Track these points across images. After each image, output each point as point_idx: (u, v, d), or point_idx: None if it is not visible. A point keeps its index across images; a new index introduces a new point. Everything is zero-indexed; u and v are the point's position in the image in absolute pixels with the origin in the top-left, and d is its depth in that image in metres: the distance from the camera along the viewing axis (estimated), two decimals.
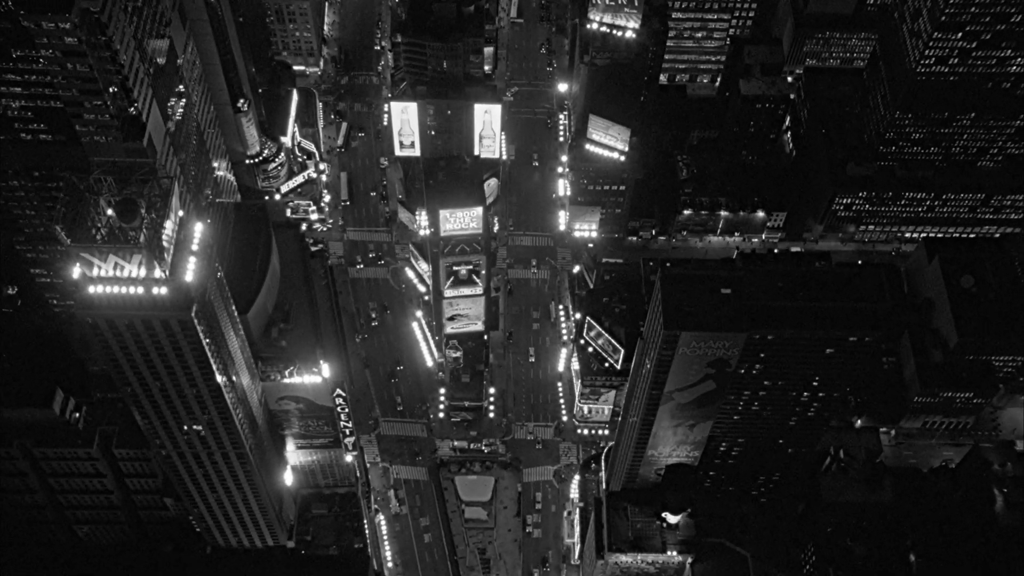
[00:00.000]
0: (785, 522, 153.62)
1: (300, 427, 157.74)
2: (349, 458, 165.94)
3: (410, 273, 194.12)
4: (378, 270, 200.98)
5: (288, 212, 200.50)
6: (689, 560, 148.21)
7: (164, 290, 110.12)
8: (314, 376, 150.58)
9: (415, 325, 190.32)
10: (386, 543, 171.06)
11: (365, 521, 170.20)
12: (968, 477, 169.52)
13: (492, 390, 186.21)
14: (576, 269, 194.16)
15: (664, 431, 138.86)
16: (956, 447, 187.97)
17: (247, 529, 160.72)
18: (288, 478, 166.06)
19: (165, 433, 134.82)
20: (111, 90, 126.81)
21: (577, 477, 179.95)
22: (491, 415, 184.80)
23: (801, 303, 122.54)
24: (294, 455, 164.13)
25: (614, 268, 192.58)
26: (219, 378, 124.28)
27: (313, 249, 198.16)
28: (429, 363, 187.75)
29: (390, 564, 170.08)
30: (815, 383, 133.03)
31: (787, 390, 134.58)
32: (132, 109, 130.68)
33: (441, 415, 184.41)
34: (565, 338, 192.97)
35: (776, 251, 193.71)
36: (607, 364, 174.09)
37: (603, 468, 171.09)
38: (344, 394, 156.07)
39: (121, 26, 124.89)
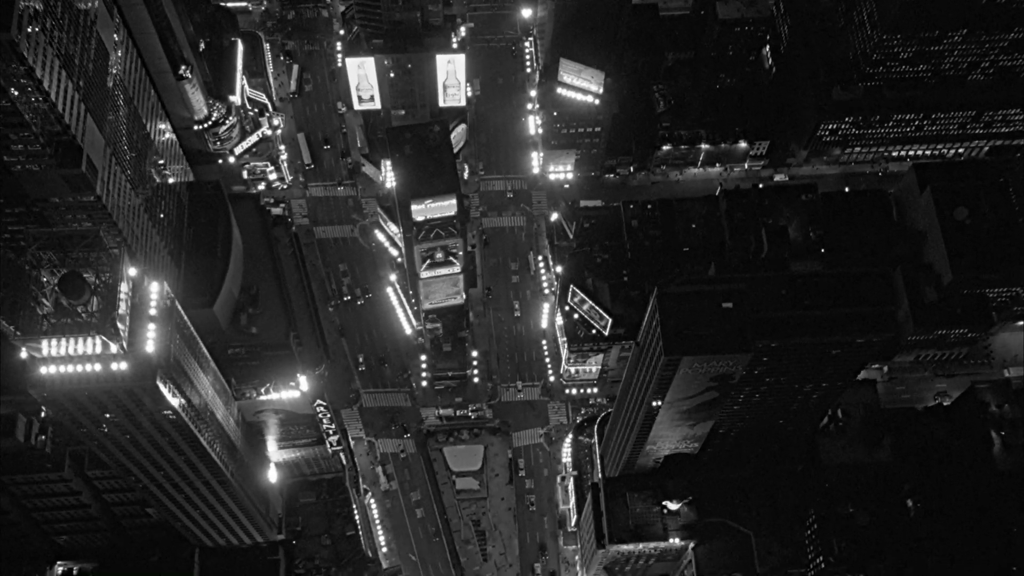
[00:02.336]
0: (785, 492, 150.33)
1: (281, 432, 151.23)
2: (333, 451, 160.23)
3: (380, 236, 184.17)
4: (345, 228, 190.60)
5: (245, 175, 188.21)
6: (691, 545, 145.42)
7: (123, 365, 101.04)
8: (292, 391, 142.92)
9: (390, 291, 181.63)
10: (378, 526, 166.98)
11: (355, 507, 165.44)
12: (964, 417, 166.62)
13: (475, 353, 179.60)
14: (554, 217, 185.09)
15: (663, 431, 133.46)
16: (949, 378, 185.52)
17: (234, 531, 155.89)
18: (272, 475, 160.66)
19: (141, 472, 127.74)
20: (36, 121, 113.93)
21: (569, 437, 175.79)
22: (476, 380, 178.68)
23: (806, 311, 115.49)
24: (276, 454, 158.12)
25: (593, 214, 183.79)
26: (194, 429, 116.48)
27: (275, 212, 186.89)
28: (408, 331, 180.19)
29: (384, 549, 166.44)
30: (820, 380, 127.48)
31: (791, 384, 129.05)
32: (65, 135, 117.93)
33: (424, 384, 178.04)
34: (547, 291, 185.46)
35: (760, 185, 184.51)
36: (594, 331, 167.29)
37: (596, 437, 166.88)
38: (325, 403, 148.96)
39: (42, 50, 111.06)
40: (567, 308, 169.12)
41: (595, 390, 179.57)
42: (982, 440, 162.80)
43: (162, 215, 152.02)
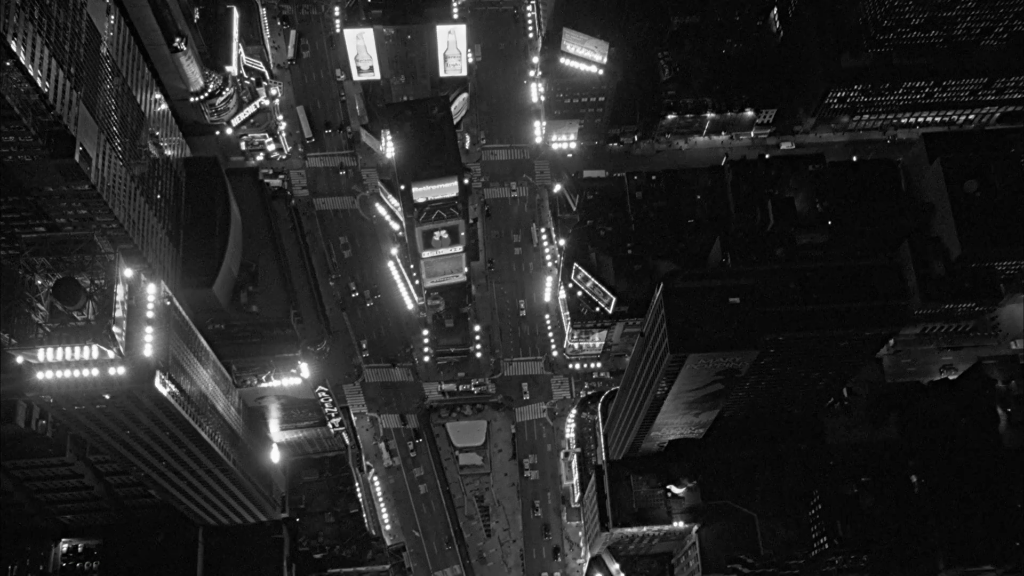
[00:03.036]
0: (790, 473, 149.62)
1: (283, 415, 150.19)
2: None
3: (381, 209, 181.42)
4: (345, 200, 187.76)
5: (243, 146, 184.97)
6: (695, 528, 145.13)
7: (121, 370, 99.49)
8: (293, 378, 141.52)
9: (391, 265, 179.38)
10: (382, 504, 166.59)
11: (358, 486, 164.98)
12: (970, 393, 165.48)
13: (477, 328, 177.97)
14: (557, 188, 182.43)
15: (667, 419, 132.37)
16: (956, 351, 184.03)
17: (237, 512, 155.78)
18: (275, 455, 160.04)
19: (142, 462, 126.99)
20: (27, 112, 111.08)
21: (573, 412, 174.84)
22: (478, 355, 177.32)
23: (814, 306, 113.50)
24: (279, 434, 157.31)
25: (597, 185, 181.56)
26: (195, 425, 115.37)
27: (274, 184, 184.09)
28: (409, 306, 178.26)
29: (388, 527, 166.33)
30: (827, 368, 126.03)
31: (798, 373, 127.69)
32: (57, 126, 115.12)
33: (427, 359, 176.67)
34: (549, 264, 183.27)
35: (767, 156, 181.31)
36: (598, 309, 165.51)
37: (600, 416, 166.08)
38: (327, 389, 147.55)
39: (30, 40, 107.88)
40: (570, 286, 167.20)
41: (598, 364, 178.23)
42: (988, 417, 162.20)
43: (159, 195, 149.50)
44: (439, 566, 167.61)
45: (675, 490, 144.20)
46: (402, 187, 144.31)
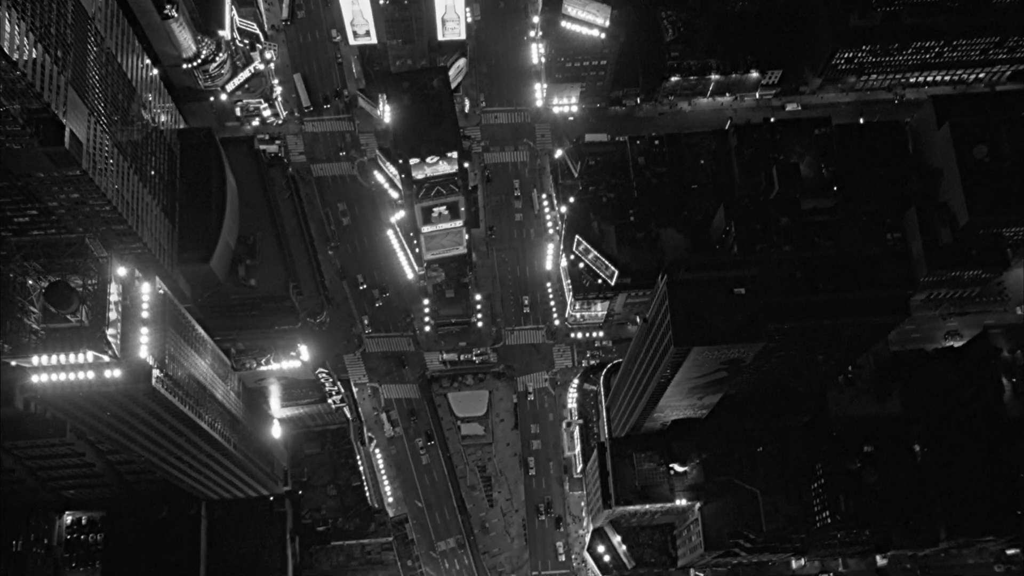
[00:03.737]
0: (793, 448, 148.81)
1: (284, 393, 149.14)
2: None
3: (379, 176, 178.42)
4: (343, 166, 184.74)
5: (238, 111, 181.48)
6: (697, 505, 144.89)
7: (117, 372, 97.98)
8: (293, 361, 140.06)
9: (390, 233, 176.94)
10: (384, 477, 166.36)
11: (360, 461, 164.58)
12: (975, 361, 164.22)
13: (478, 296, 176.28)
14: (558, 154, 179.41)
15: (671, 402, 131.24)
16: (961, 316, 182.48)
17: (240, 488, 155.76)
18: (276, 431, 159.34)
19: (142, 449, 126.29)
20: (15, 101, 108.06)
21: (576, 382, 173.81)
22: (480, 324, 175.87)
23: (821, 296, 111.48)
24: (280, 411, 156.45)
25: (599, 150, 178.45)
26: (193, 416, 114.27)
27: (271, 150, 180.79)
28: (409, 275, 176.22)
29: (390, 499, 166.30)
30: (832, 351, 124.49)
31: (803, 356, 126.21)
32: (45, 113, 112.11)
33: (427, 329, 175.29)
34: (551, 231, 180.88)
35: (772, 119, 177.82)
36: (600, 280, 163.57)
37: (602, 389, 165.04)
38: (327, 369, 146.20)
39: (15, 26, 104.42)
40: (572, 257, 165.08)
41: (601, 333, 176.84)
42: (993, 386, 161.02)
43: (152, 171, 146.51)
44: (442, 536, 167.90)
45: (678, 468, 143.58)
46: (400, 162, 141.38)
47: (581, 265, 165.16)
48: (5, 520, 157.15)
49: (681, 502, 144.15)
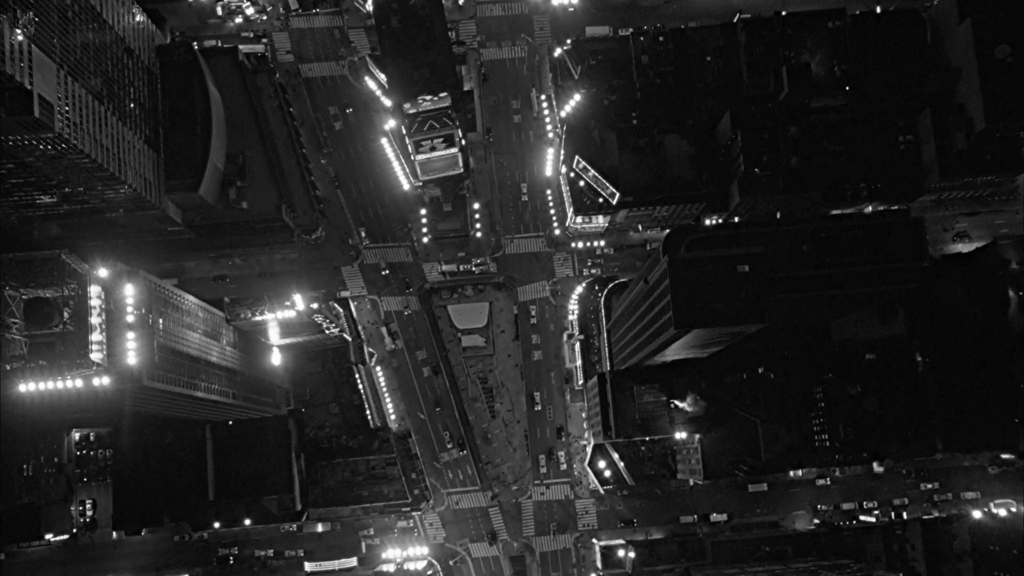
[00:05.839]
0: (794, 377, 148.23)
1: (282, 329, 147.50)
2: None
3: (371, 83, 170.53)
4: (333, 66, 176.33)
5: (219, 11, 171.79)
6: (698, 436, 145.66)
7: (106, 380, 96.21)
8: (287, 311, 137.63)
9: (384, 142, 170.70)
10: (386, 395, 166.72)
11: (360, 382, 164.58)
12: (981, 271, 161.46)
13: (476, 205, 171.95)
14: (557, 53, 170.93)
15: (671, 353, 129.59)
16: (971, 216, 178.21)
17: (244, 413, 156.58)
18: (276, 358, 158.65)
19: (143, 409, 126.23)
20: None
21: (579, 290, 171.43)
22: (479, 235, 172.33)
23: (828, 270, 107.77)
24: (278, 340, 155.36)
25: (600, 48, 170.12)
26: (190, 392, 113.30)
27: (256, 50, 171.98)
28: (405, 186, 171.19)
29: (392, 416, 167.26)
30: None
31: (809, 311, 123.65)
32: (11, 83, 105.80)
33: (426, 240, 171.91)
34: (551, 135, 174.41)
35: (783, 12, 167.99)
36: (600, 199, 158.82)
37: (603, 311, 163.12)
38: (322, 312, 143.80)
39: None
40: (572, 175, 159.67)
41: (602, 242, 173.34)
42: (998, 298, 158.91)
43: (131, 104, 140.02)
44: (444, 448, 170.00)
45: (679, 405, 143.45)
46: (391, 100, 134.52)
47: (582, 183, 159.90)
48: (15, 445, 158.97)
49: (681, 435, 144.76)
